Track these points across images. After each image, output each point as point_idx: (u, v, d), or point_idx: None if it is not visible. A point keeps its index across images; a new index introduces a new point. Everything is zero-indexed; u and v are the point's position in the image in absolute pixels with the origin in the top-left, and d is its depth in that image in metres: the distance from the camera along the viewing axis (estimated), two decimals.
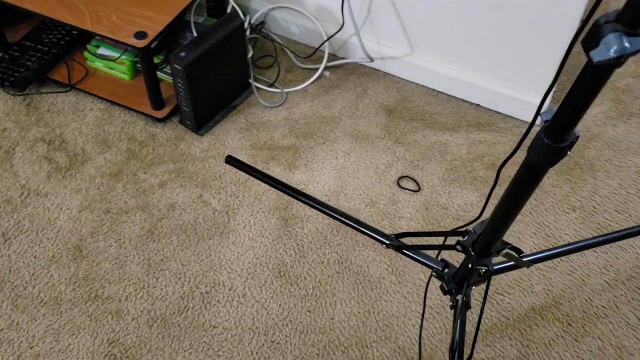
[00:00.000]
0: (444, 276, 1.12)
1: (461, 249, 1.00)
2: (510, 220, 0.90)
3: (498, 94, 1.76)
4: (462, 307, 1.07)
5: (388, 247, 1.21)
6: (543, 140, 0.72)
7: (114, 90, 1.77)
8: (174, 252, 1.45)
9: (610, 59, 0.55)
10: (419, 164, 1.66)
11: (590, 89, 0.64)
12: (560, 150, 0.72)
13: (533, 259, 1.25)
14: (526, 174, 0.80)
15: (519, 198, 0.85)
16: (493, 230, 0.93)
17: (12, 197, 1.55)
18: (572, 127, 0.70)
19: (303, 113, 1.78)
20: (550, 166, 0.76)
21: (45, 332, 1.32)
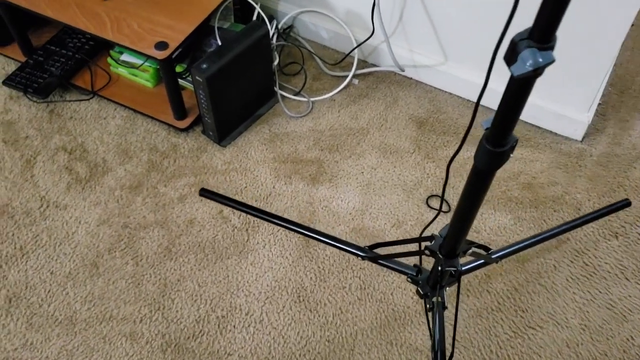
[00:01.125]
0: (419, 281, 1.18)
1: (430, 253, 1.06)
2: (469, 222, 0.95)
3: (538, 107, 1.65)
4: (438, 309, 1.14)
5: (364, 259, 1.28)
6: (485, 147, 0.78)
7: (137, 98, 1.73)
8: (191, 272, 1.41)
9: (528, 72, 0.62)
10: (450, 182, 1.58)
11: (518, 98, 0.72)
12: (502, 154, 0.78)
13: (500, 255, 1.30)
14: (475, 178, 0.86)
15: (473, 201, 0.91)
16: (456, 233, 0.99)
17: (32, 208, 1.53)
18: (509, 133, 0.76)
19: (329, 124, 1.71)
20: (495, 169, 0.82)
21: (59, 353, 1.29)
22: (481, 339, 1.31)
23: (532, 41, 0.62)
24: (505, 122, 0.74)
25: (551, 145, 1.66)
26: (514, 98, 0.72)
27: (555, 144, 1.66)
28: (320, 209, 1.52)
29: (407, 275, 1.21)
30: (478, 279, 1.39)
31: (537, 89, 1.63)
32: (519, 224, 1.49)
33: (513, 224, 1.49)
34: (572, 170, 1.60)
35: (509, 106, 0.73)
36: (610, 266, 1.42)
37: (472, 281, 1.39)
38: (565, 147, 1.65)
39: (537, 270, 1.41)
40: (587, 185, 1.57)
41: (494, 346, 1.30)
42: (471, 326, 1.33)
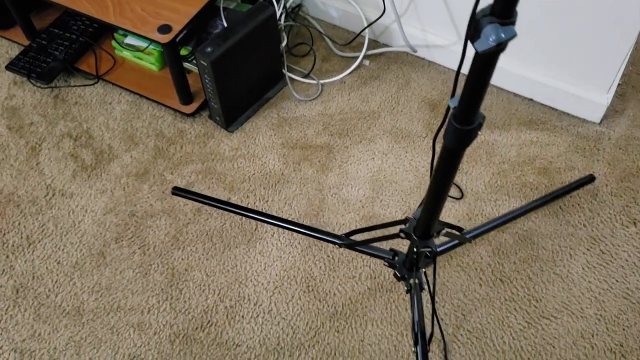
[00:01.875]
0: (395, 264, 1.20)
1: (405, 236, 1.08)
2: (441, 202, 0.96)
3: (554, 89, 1.60)
4: (416, 290, 1.16)
5: (341, 247, 1.29)
6: (454, 125, 0.78)
7: (142, 82, 1.69)
8: (198, 261, 1.39)
9: (491, 47, 0.63)
10: (463, 167, 1.54)
11: (483, 74, 0.71)
12: (469, 132, 0.78)
13: (474, 234, 1.33)
14: (445, 158, 0.87)
15: (444, 181, 0.91)
16: (428, 214, 1.00)
17: (38, 197, 1.51)
18: (476, 110, 0.77)
19: (339, 107, 1.67)
20: (464, 147, 0.83)
21: (67, 344, 1.28)
22: (494, 330, 1.28)
23: (494, 17, 0.64)
24: (471, 99, 0.75)
25: (568, 128, 1.61)
26: (479, 75, 0.72)
27: (573, 127, 1.61)
28: (329, 196, 1.49)
29: (383, 259, 1.23)
30: (491, 268, 1.36)
31: (553, 68, 1.57)
32: (533, 210, 1.45)
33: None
34: (590, 154, 1.55)
35: (475, 83, 0.73)
36: (627, 254, 1.38)
37: (485, 270, 1.36)
38: (583, 130, 1.60)
39: (552, 258, 1.38)
40: (606, 170, 1.52)
41: (507, 337, 1.27)
42: (483, 316, 1.30)
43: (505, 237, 1.41)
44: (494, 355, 1.25)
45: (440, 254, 1.31)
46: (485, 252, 1.39)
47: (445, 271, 1.36)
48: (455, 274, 1.36)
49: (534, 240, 1.40)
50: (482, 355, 1.25)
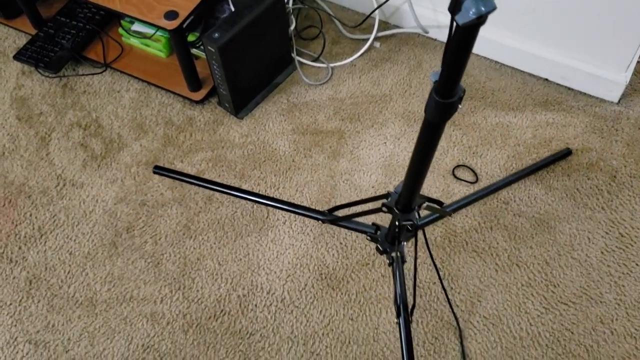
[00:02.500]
0: (378, 238, 1.21)
1: (387, 210, 1.09)
2: (422, 176, 0.97)
3: (570, 68, 1.56)
4: (398, 263, 1.17)
5: (324, 222, 1.30)
6: (435, 99, 0.79)
7: (150, 69, 1.67)
8: (210, 250, 1.38)
9: (472, 19, 0.64)
10: (478, 151, 1.51)
11: (463, 47, 0.71)
12: (451, 105, 0.79)
13: (454, 207, 1.35)
14: (426, 131, 0.87)
15: (425, 155, 0.92)
16: (410, 187, 1.01)
17: (48, 187, 1.50)
18: (457, 83, 0.77)
19: (350, 91, 1.64)
20: (445, 120, 0.84)
21: (81, 335, 1.28)
22: (510, 316, 1.26)
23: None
24: (452, 73, 0.75)
25: (585, 108, 1.57)
26: (460, 48, 0.72)
27: (590, 107, 1.57)
28: (341, 182, 1.47)
29: (366, 233, 1.24)
30: (507, 253, 1.34)
31: (569, 47, 1.53)
32: (551, 193, 1.42)
33: (544, 194, 1.42)
34: (608, 135, 1.51)
35: (455, 57, 0.73)
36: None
37: (500, 255, 1.33)
38: (600, 110, 1.56)
39: (570, 242, 1.35)
40: (624, 151, 1.48)
41: (524, 323, 1.25)
42: (500, 302, 1.28)
43: (521, 221, 1.38)
44: (511, 342, 1.23)
45: (421, 227, 1.29)
46: (502, 237, 1.36)
47: (460, 257, 1.34)
48: (470, 259, 1.34)
49: (551, 224, 1.38)
50: (499, 341, 1.23)
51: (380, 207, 1.09)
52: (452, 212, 1.37)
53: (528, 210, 1.40)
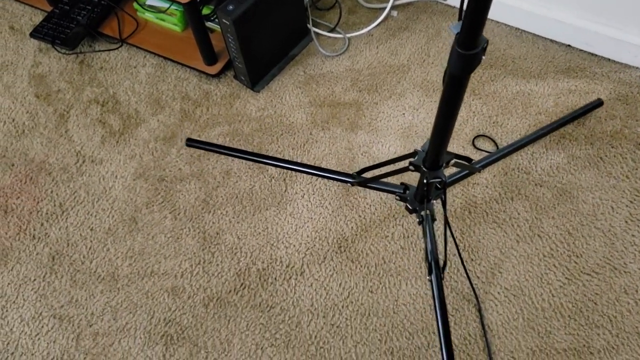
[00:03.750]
0: (407, 197, 1.21)
1: (414, 168, 1.08)
2: (449, 132, 0.96)
3: (593, 33, 1.51)
4: (428, 221, 1.17)
5: (353, 185, 1.29)
6: (458, 51, 0.78)
7: (166, 44, 1.66)
8: (229, 225, 1.38)
9: None
10: (498, 120, 1.48)
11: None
12: (474, 56, 0.78)
13: (483, 163, 1.31)
14: (451, 85, 0.86)
15: (451, 110, 0.91)
16: (437, 144, 1.00)
17: (68, 164, 1.51)
18: (479, 34, 0.76)
19: (367, 62, 1.61)
20: (469, 73, 0.82)
21: (104, 309, 1.30)
22: (532, 287, 1.25)
23: None
24: (474, 23, 0.74)
25: (609, 74, 1.52)
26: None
27: (614, 73, 1.52)
28: (359, 154, 1.45)
29: (395, 193, 1.23)
30: (529, 223, 1.32)
31: (592, 11, 1.48)
32: (573, 162, 1.39)
33: (567, 163, 1.39)
34: (633, 102, 1.47)
35: (477, 6, 0.72)
36: None
37: (522, 226, 1.32)
38: (624, 76, 1.51)
39: (593, 212, 1.33)
40: None
41: (546, 294, 1.24)
42: (521, 273, 1.26)
43: (543, 191, 1.36)
44: (533, 313, 1.22)
45: (450, 185, 1.29)
46: (523, 207, 1.34)
47: (481, 228, 1.32)
48: (491, 230, 1.32)
49: (574, 193, 1.35)
50: (520, 312, 1.22)
51: (407, 166, 1.09)
52: (481, 168, 1.32)
53: (550, 180, 1.37)
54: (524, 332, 1.20)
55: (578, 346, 1.17)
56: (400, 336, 1.21)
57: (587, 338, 1.18)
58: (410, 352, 1.19)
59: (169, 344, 1.24)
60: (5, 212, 1.44)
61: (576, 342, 1.18)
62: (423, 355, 1.19)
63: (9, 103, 1.64)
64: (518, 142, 1.36)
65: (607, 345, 1.17)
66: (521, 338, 1.19)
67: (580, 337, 1.18)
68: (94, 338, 1.26)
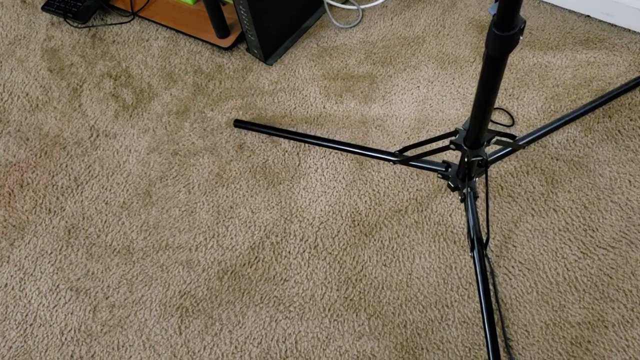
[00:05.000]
0: (449, 175, 1.21)
1: (455, 147, 1.09)
2: (489, 110, 0.97)
3: (614, 3, 1.48)
4: (470, 198, 1.17)
5: (395, 163, 1.33)
6: (495, 32, 0.79)
7: (178, 16, 1.65)
8: (243, 199, 1.38)
9: None
10: (514, 93, 1.46)
11: None
12: (511, 37, 0.79)
13: (528, 140, 1.30)
14: (489, 65, 0.87)
15: (490, 89, 0.92)
16: (477, 123, 1.00)
17: (82, 138, 1.52)
18: (516, 15, 0.76)
19: (381, 34, 1.59)
20: (507, 54, 0.83)
21: (120, 282, 1.31)
22: (547, 261, 1.24)
23: None
24: (510, 4, 0.75)
25: (629, 45, 1.49)
26: None
27: (634, 44, 1.49)
28: (373, 128, 1.44)
29: (437, 172, 1.24)
30: (544, 197, 1.31)
31: None
32: (590, 135, 1.37)
33: (584, 137, 1.37)
34: None
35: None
36: None
37: (537, 199, 1.31)
38: None
39: (610, 185, 1.31)
40: None
41: (561, 268, 1.23)
42: (536, 247, 1.26)
43: (559, 165, 1.34)
44: (547, 287, 1.21)
45: (492, 163, 1.28)
46: (538, 181, 1.33)
47: (496, 202, 1.31)
48: (506, 204, 1.31)
49: (590, 167, 1.34)
50: (535, 287, 1.22)
51: (448, 145, 1.09)
52: (525, 145, 1.31)
53: (566, 154, 1.36)
54: (537, 305, 1.20)
55: (592, 320, 1.17)
56: (414, 309, 1.22)
57: (602, 312, 1.18)
58: (423, 325, 1.20)
59: (184, 316, 1.25)
60: (21, 186, 1.45)
61: (590, 316, 1.17)
62: (436, 329, 1.19)
63: (23, 77, 1.64)
64: (564, 118, 1.35)
65: (622, 319, 1.16)
66: (535, 312, 1.19)
67: (595, 310, 1.18)
68: (110, 310, 1.28)
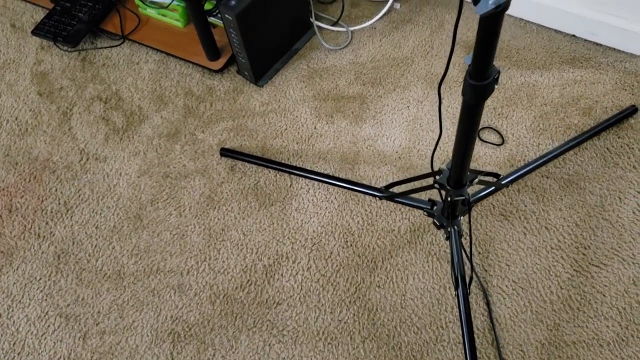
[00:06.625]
0: (434, 213, 1.21)
1: (439, 187, 1.11)
2: (469, 153, 0.99)
3: (597, 23, 1.50)
4: (454, 237, 1.18)
5: (381, 199, 1.32)
6: (469, 82, 0.82)
7: (168, 40, 1.65)
8: (235, 221, 1.38)
9: (490, 9, 0.67)
10: (503, 112, 1.47)
11: (491, 33, 0.75)
12: (486, 87, 0.82)
13: (510, 179, 1.31)
14: (466, 112, 0.90)
15: (468, 134, 0.95)
16: (458, 165, 1.03)
17: (72, 162, 1.51)
18: (489, 66, 0.80)
19: (371, 55, 1.60)
20: (482, 101, 0.87)
21: (110, 307, 1.30)
22: (540, 279, 1.24)
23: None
24: (483, 57, 0.78)
25: (614, 64, 1.51)
26: (487, 34, 0.75)
27: (619, 63, 1.51)
28: (364, 148, 1.45)
29: (422, 209, 1.24)
30: (535, 216, 1.31)
31: (597, 1, 1.47)
32: (580, 153, 1.38)
33: (573, 155, 1.38)
34: (639, 91, 1.46)
35: (485, 42, 0.76)
36: None
37: (529, 218, 1.31)
38: (630, 66, 1.50)
39: (600, 203, 1.32)
40: None
41: (554, 286, 1.23)
42: (529, 266, 1.26)
43: (550, 182, 1.35)
44: (541, 306, 1.21)
45: (476, 202, 1.28)
46: (529, 199, 1.33)
47: (488, 221, 1.32)
48: (498, 223, 1.31)
49: (581, 185, 1.34)
50: (529, 306, 1.21)
51: (433, 184, 1.11)
52: (508, 184, 1.33)
53: (556, 172, 1.37)
54: (532, 325, 1.19)
55: (587, 339, 1.17)
56: (409, 331, 1.21)
57: (597, 330, 1.17)
58: (418, 347, 1.19)
59: (176, 342, 1.24)
60: (10, 211, 1.44)
61: (585, 335, 1.17)
62: (431, 350, 1.18)
63: (12, 101, 1.63)
64: (548, 155, 1.34)
65: (617, 337, 1.16)
66: (530, 331, 1.19)
67: (589, 329, 1.18)
68: (101, 337, 1.26)
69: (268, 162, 1.42)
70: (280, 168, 1.41)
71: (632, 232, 1.27)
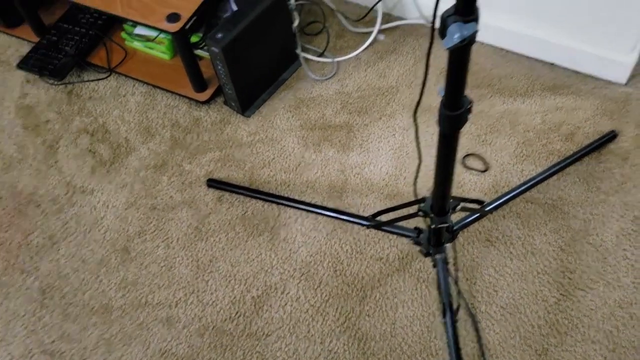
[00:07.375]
0: (420, 241, 1.22)
1: (423, 214, 1.12)
2: (449, 181, 1.02)
3: (577, 51, 1.54)
4: (441, 264, 1.19)
5: (368, 228, 1.34)
6: (444, 112, 0.85)
7: (155, 72, 1.67)
8: (222, 252, 1.38)
9: (456, 44, 0.69)
10: (487, 139, 1.49)
11: (460, 65, 0.78)
12: (459, 116, 0.85)
13: (493, 206, 1.32)
14: (442, 142, 0.93)
15: (446, 162, 0.97)
16: (439, 193, 1.05)
17: (58, 195, 1.50)
18: (461, 96, 0.83)
19: (356, 85, 1.63)
20: (457, 130, 0.89)
21: (97, 342, 1.28)
22: (528, 304, 1.25)
23: (458, 16, 0.70)
24: (455, 88, 0.81)
25: (593, 91, 1.55)
26: (456, 67, 0.78)
27: (599, 89, 1.55)
28: (352, 176, 1.46)
29: (409, 237, 1.25)
30: (521, 241, 1.32)
31: (575, 30, 1.51)
32: (563, 179, 1.40)
33: (556, 180, 1.40)
34: (618, 117, 1.49)
35: (454, 74, 0.79)
36: None
37: (515, 243, 1.32)
38: (609, 92, 1.54)
39: (584, 227, 1.33)
40: (636, 132, 1.46)
41: (542, 311, 1.24)
42: (516, 291, 1.27)
43: (534, 208, 1.37)
44: (529, 331, 1.22)
45: (460, 229, 1.29)
46: (515, 224, 1.35)
47: (474, 247, 1.33)
48: (484, 249, 1.33)
49: (565, 209, 1.36)
50: (517, 331, 1.22)
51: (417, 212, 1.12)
52: (491, 211, 1.34)
53: (540, 197, 1.38)
54: (521, 350, 1.20)
55: None
56: (399, 359, 1.21)
57: (585, 354, 1.18)
58: None
59: None
60: None
61: (574, 359, 1.18)
62: None
63: None
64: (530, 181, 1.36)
65: None
66: (519, 356, 1.19)
67: (577, 353, 1.18)
68: None
69: (255, 193, 1.43)
70: (267, 198, 1.42)
71: (617, 255, 1.29)
